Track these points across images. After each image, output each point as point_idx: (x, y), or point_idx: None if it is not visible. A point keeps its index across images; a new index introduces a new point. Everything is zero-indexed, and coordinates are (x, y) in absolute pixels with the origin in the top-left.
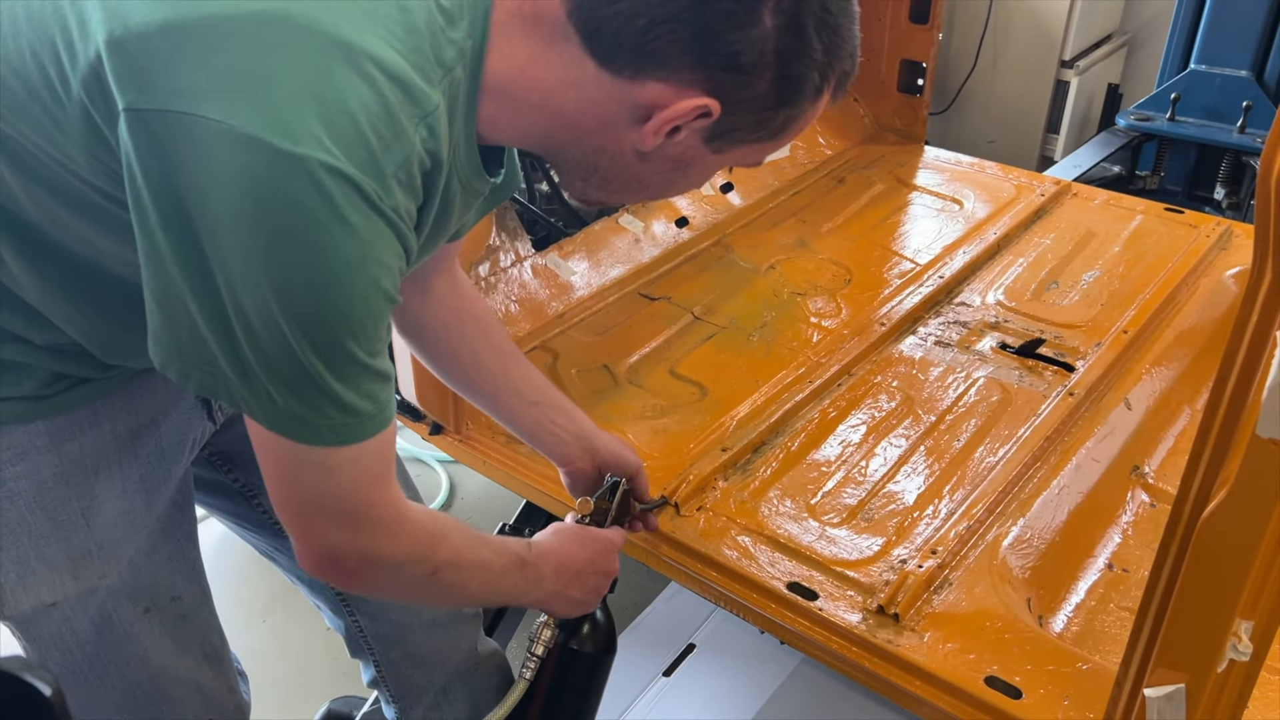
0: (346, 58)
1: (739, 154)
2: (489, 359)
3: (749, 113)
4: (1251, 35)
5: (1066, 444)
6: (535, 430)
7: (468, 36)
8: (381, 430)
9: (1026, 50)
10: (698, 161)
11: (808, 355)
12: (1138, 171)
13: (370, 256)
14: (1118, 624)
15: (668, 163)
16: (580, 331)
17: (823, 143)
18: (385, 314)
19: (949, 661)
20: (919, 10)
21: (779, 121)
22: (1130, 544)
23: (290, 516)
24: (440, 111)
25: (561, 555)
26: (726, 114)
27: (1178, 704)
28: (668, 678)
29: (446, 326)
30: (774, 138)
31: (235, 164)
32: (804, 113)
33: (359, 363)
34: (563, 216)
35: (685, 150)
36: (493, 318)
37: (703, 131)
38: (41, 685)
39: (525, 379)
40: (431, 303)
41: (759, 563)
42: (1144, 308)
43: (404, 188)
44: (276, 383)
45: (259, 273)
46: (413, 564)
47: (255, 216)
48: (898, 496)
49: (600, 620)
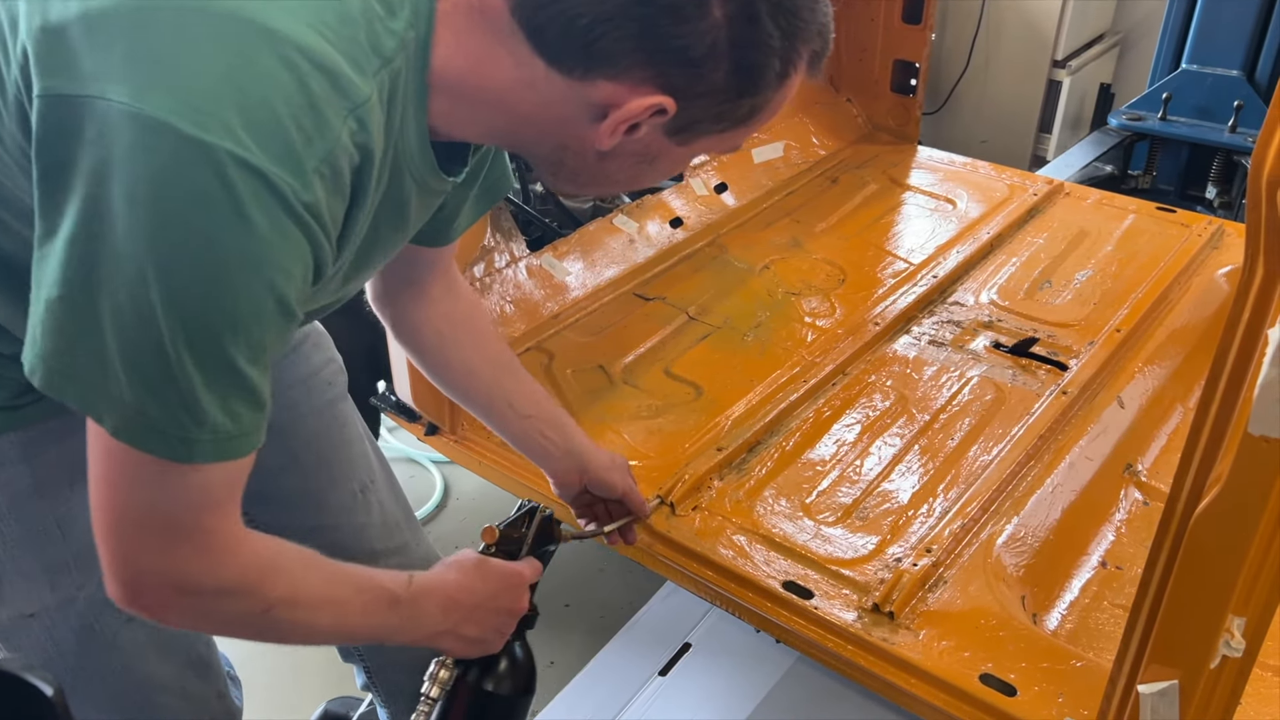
0: (270, 45)
1: (706, 144)
2: (483, 368)
3: (708, 105)
4: (1242, 35)
5: (1060, 442)
6: (525, 442)
7: (410, 27)
8: (237, 458)
9: (1019, 50)
10: (663, 155)
11: (802, 355)
12: (1130, 171)
13: (268, 258)
14: (1111, 621)
15: (632, 158)
16: (575, 332)
17: (816, 143)
18: (275, 325)
19: (944, 659)
20: (912, 10)
21: (743, 111)
22: (1124, 541)
23: (105, 530)
24: (373, 104)
25: (451, 590)
26: (684, 109)
27: (1171, 700)
28: (663, 677)
29: (441, 334)
30: (742, 125)
31: (138, 147)
32: (770, 100)
33: (234, 372)
34: (557, 217)
35: (648, 146)
36: (490, 326)
37: (663, 126)
38: (43, 685)
39: (519, 390)
40: (426, 308)
41: (754, 562)
42: (1136, 306)
43: (327, 183)
44: (136, 381)
45: (145, 258)
46: (237, 598)
47: (151, 200)
48: (892, 495)
49: (519, 657)
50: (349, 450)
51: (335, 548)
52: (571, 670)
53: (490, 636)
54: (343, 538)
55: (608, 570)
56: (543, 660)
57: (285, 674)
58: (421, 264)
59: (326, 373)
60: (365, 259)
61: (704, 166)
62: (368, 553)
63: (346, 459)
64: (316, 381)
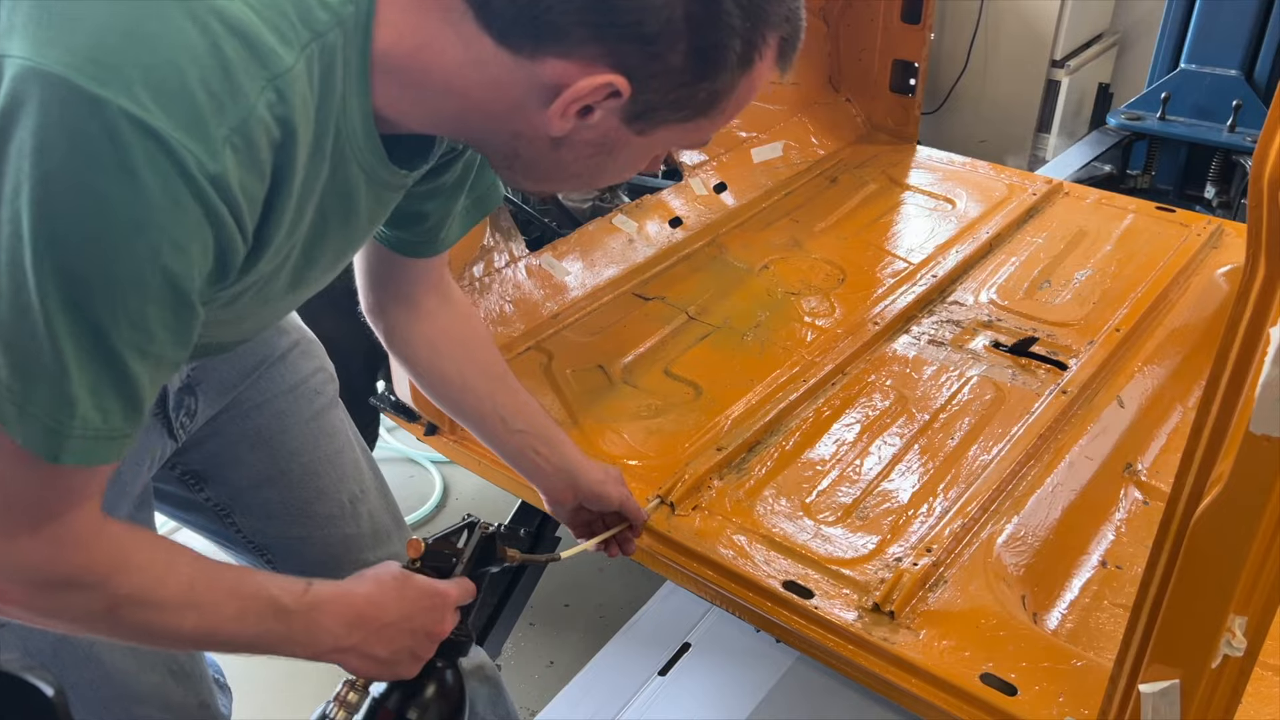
0: (183, 5)
1: (668, 135)
2: (477, 382)
3: (666, 89)
4: (1241, 34)
5: (1060, 442)
6: (517, 457)
7: (348, 2)
8: (105, 462)
9: (1017, 50)
10: (623, 146)
11: (802, 354)
12: (1129, 171)
13: (155, 223)
14: (1112, 621)
15: (588, 148)
16: (575, 332)
17: (815, 143)
18: (161, 304)
19: (944, 659)
20: (911, 10)
21: (703, 98)
22: (1124, 541)
23: None
24: (296, 76)
25: (358, 604)
26: (640, 92)
27: (1172, 700)
28: (663, 677)
29: (434, 347)
30: (704, 116)
31: (32, 102)
32: (734, 86)
33: (109, 354)
34: (557, 217)
35: (604, 134)
36: (485, 339)
37: (620, 112)
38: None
39: (512, 405)
40: (420, 321)
41: (754, 561)
42: (1136, 306)
43: (240, 157)
44: (5, 352)
45: (24, 215)
46: (80, 592)
47: (37, 154)
48: (892, 495)
49: (449, 685)
50: (338, 460)
51: (324, 558)
52: (571, 670)
53: (401, 660)
54: (331, 548)
55: (607, 571)
56: (542, 660)
57: (280, 677)
58: (412, 276)
59: (315, 381)
60: (314, 253)
61: (703, 166)
62: (357, 562)
63: (335, 470)
64: (305, 390)
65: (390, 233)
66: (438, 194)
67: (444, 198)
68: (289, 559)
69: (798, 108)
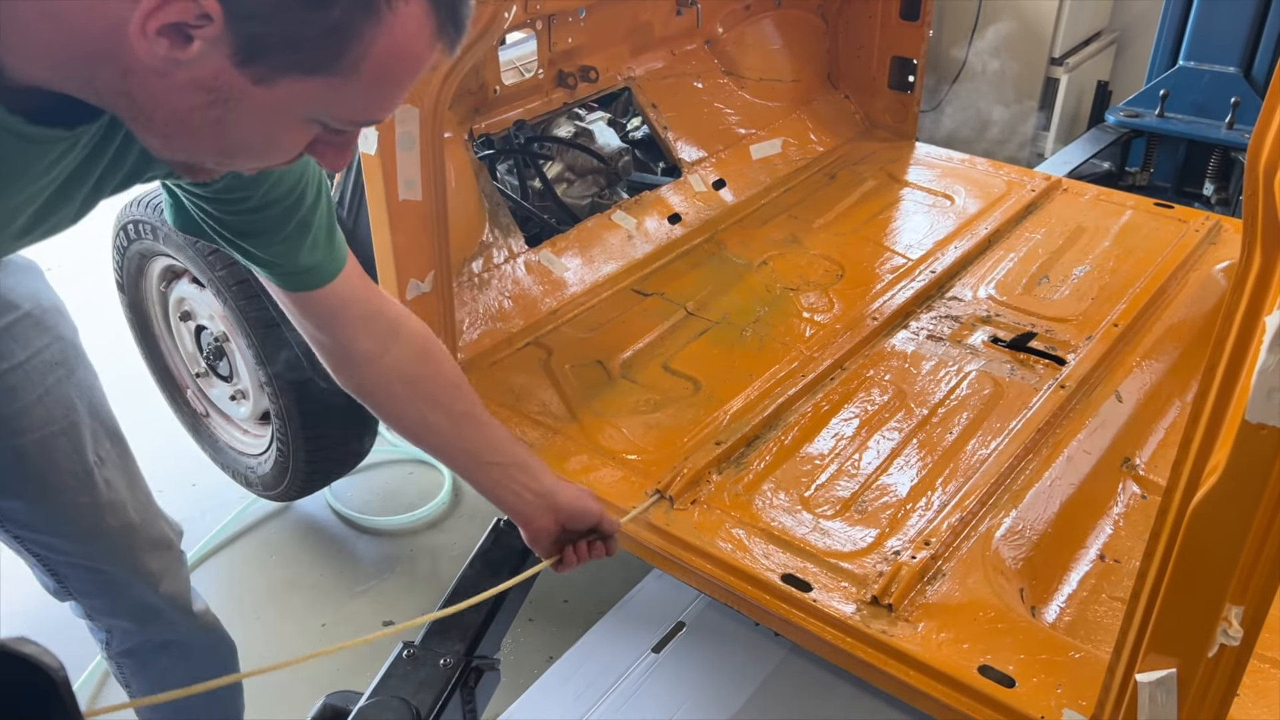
0: None
1: (298, 92)
2: (439, 422)
3: (272, 25)
4: (1239, 32)
5: (1058, 436)
6: (494, 488)
7: None
8: None
9: (1016, 47)
10: (243, 97)
11: (800, 350)
12: (1127, 168)
13: None
14: (1109, 614)
15: (200, 92)
16: (573, 327)
17: (814, 139)
18: None
19: (942, 651)
20: (909, 7)
21: (320, 39)
22: (1121, 535)
23: None
24: None
25: None
26: (235, 18)
27: (1169, 688)
28: (657, 654)
29: (390, 392)
30: (337, 73)
31: None
32: (361, 36)
33: None
34: (555, 213)
35: (216, 76)
36: (445, 377)
37: (225, 46)
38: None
39: (481, 440)
40: (363, 369)
41: (753, 555)
42: (1134, 301)
43: None
44: None
45: None
46: None
47: None
48: (891, 489)
49: None
50: (76, 433)
51: (59, 524)
52: None
53: None
54: (66, 514)
55: (606, 567)
56: (541, 656)
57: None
58: (323, 316)
59: (50, 353)
60: None
61: (702, 163)
62: (89, 531)
63: (72, 441)
64: (38, 363)
65: (262, 270)
66: (260, 210)
67: (269, 215)
68: (31, 529)
69: (796, 104)
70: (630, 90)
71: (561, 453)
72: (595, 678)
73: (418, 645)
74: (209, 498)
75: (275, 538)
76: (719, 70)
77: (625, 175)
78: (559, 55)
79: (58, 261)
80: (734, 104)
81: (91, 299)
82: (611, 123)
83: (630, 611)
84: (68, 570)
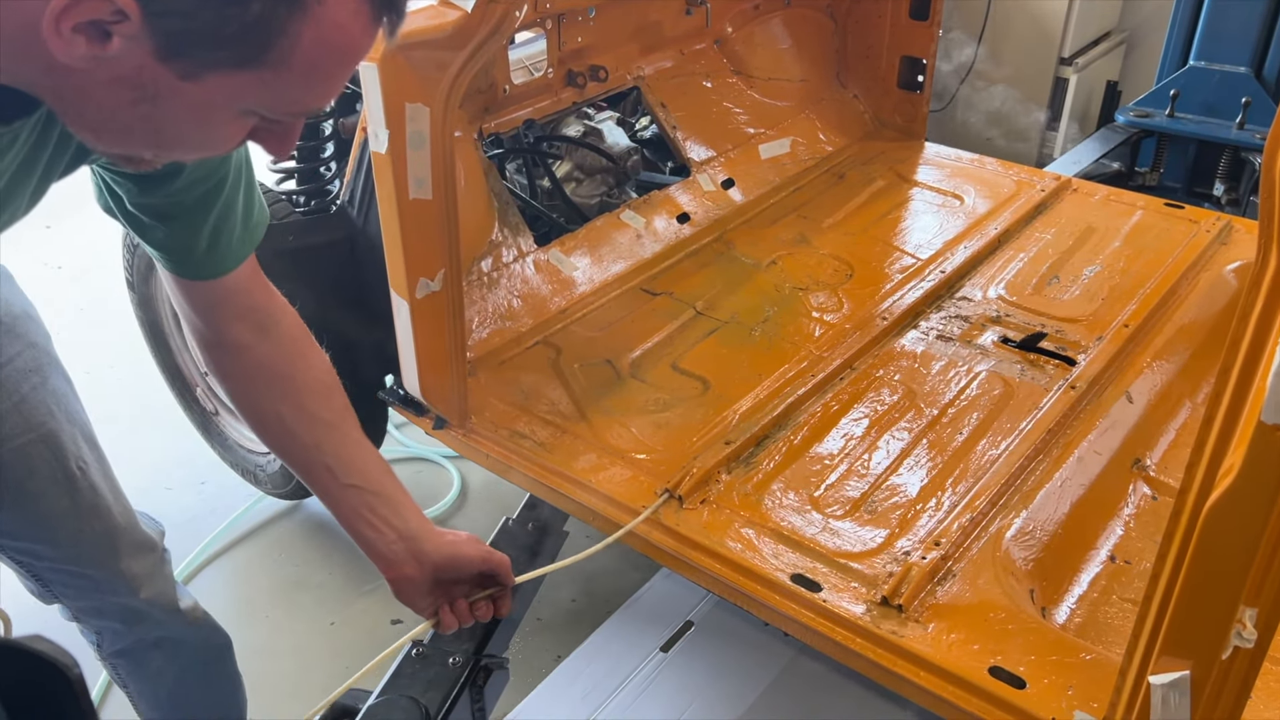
0: None
1: (227, 86)
2: (300, 426)
3: (192, 20)
4: (1250, 31)
5: (1068, 437)
6: (351, 518)
7: None
8: None
9: (1025, 47)
10: (171, 94)
11: (809, 350)
12: (1137, 168)
13: None
14: (1120, 615)
15: (124, 89)
16: (583, 326)
17: (823, 139)
18: None
19: (953, 652)
20: (919, 7)
21: (254, 42)
22: (1132, 536)
23: None
24: None
25: None
26: (153, 15)
27: (1183, 691)
28: (665, 654)
29: (251, 382)
30: (265, 65)
31: None
32: (299, 32)
33: None
34: (565, 212)
35: (140, 73)
36: (317, 382)
37: (146, 42)
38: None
39: (342, 456)
40: (231, 356)
41: (763, 555)
42: (1145, 302)
43: None
44: None
45: None
46: None
47: None
48: (900, 489)
49: None
50: (55, 440)
51: (39, 531)
52: None
53: None
54: (47, 521)
55: (614, 567)
56: (549, 656)
57: (289, 668)
58: (208, 303)
59: (23, 361)
60: None
61: (711, 162)
62: (71, 536)
63: (51, 448)
64: (10, 371)
65: (162, 256)
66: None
67: (192, 196)
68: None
69: (805, 104)
70: (639, 89)
71: (570, 452)
72: (603, 677)
73: (426, 644)
74: (218, 496)
75: (284, 536)
76: (728, 70)
77: (634, 174)
78: (568, 54)
79: (66, 259)
80: (743, 103)
81: (100, 297)
82: (620, 122)
83: (638, 611)
84: (51, 575)
